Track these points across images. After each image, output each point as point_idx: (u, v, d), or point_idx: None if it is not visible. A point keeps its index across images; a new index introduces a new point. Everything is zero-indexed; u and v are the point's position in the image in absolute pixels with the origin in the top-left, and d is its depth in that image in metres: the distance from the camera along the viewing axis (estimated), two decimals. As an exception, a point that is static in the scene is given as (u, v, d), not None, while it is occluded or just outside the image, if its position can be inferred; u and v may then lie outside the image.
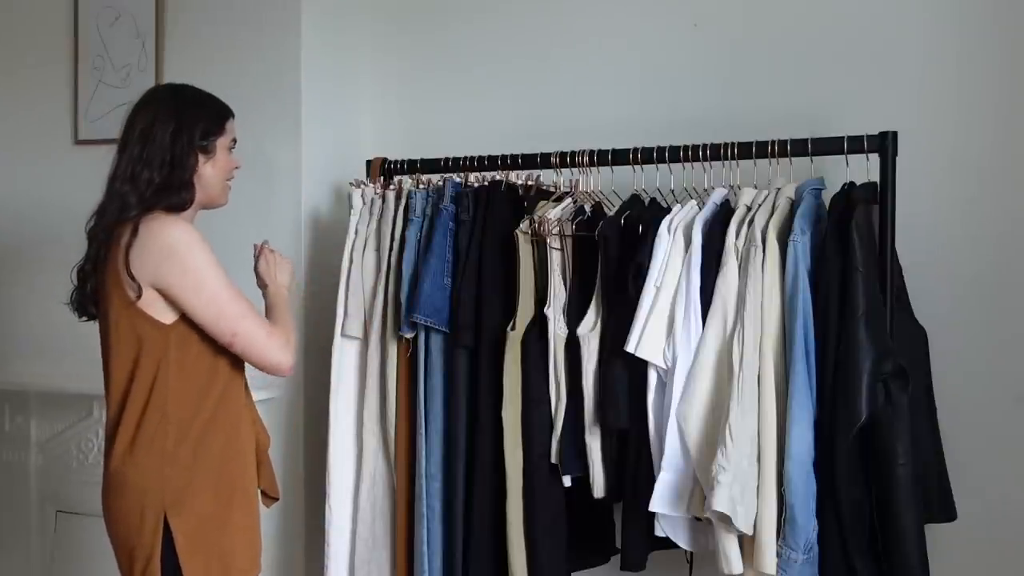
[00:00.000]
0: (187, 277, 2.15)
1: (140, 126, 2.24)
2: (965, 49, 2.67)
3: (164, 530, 2.15)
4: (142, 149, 2.21)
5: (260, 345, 2.22)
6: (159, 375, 2.17)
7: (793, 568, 2.31)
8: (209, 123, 2.27)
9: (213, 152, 2.27)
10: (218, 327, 2.18)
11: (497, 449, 2.61)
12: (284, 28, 3.10)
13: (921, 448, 2.39)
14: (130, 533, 2.18)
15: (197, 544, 2.17)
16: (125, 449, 2.18)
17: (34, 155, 3.49)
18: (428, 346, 2.72)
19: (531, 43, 3.13)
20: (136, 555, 2.17)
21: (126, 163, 2.22)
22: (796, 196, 2.45)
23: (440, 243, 2.69)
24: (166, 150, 2.21)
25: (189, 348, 2.19)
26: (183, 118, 2.24)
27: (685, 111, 2.87)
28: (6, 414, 3.40)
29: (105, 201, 2.24)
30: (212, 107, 2.31)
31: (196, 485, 2.18)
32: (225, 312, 2.18)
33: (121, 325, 2.19)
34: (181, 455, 2.17)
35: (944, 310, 2.59)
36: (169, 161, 2.21)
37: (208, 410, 2.21)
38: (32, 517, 3.38)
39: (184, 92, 2.31)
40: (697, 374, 2.40)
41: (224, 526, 2.22)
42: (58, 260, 3.45)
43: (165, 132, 2.21)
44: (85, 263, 2.28)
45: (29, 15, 3.51)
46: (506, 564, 2.60)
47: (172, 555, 2.15)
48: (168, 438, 2.17)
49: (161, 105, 2.26)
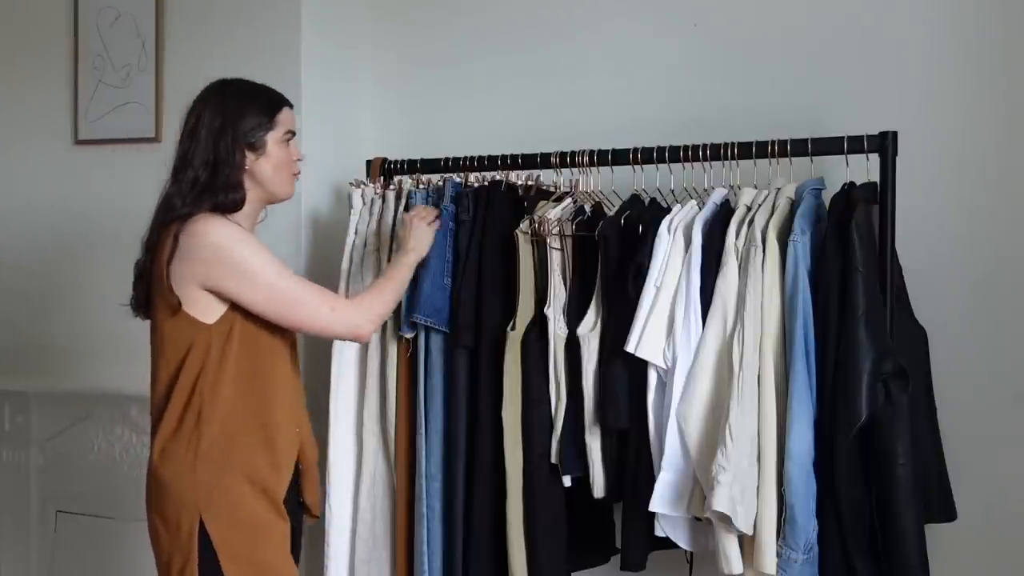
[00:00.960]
0: (243, 277, 2.15)
1: (189, 124, 2.21)
2: (965, 49, 2.66)
3: (201, 534, 2.13)
4: (188, 148, 2.18)
5: (323, 323, 2.25)
6: (201, 375, 2.16)
7: (793, 568, 2.31)
8: (257, 118, 2.22)
9: (263, 148, 2.23)
10: (284, 318, 2.20)
11: (497, 449, 2.61)
12: (284, 28, 3.10)
13: (921, 448, 2.39)
14: (168, 535, 2.17)
15: (236, 548, 2.15)
16: (161, 448, 2.18)
17: (34, 155, 3.49)
18: (428, 346, 2.72)
19: (531, 43, 3.13)
20: (174, 559, 2.16)
21: (175, 162, 2.20)
22: (796, 196, 2.45)
23: (440, 243, 2.69)
24: (209, 149, 2.17)
25: (231, 349, 2.18)
26: (228, 114, 2.19)
27: (685, 111, 2.87)
28: (6, 414, 3.41)
29: (158, 202, 2.23)
30: (261, 100, 2.26)
31: (232, 487, 2.16)
32: (285, 301, 2.19)
33: (165, 327, 2.19)
34: (215, 456, 2.16)
35: (944, 310, 2.59)
36: (212, 160, 2.17)
37: (249, 413, 2.20)
38: (32, 517, 3.38)
39: (232, 86, 2.27)
40: (697, 374, 2.40)
41: (261, 530, 2.20)
42: (58, 260, 3.48)
43: (209, 130, 2.18)
44: (137, 265, 2.27)
45: (29, 15, 3.51)
46: (506, 564, 2.60)
47: (209, 563, 2.13)
48: (202, 438, 2.15)
49: (208, 101, 2.22)
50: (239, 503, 2.17)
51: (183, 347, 2.16)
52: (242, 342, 2.19)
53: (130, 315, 2.34)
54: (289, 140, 2.29)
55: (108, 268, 3.30)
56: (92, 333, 3.34)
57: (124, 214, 3.30)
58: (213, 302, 2.17)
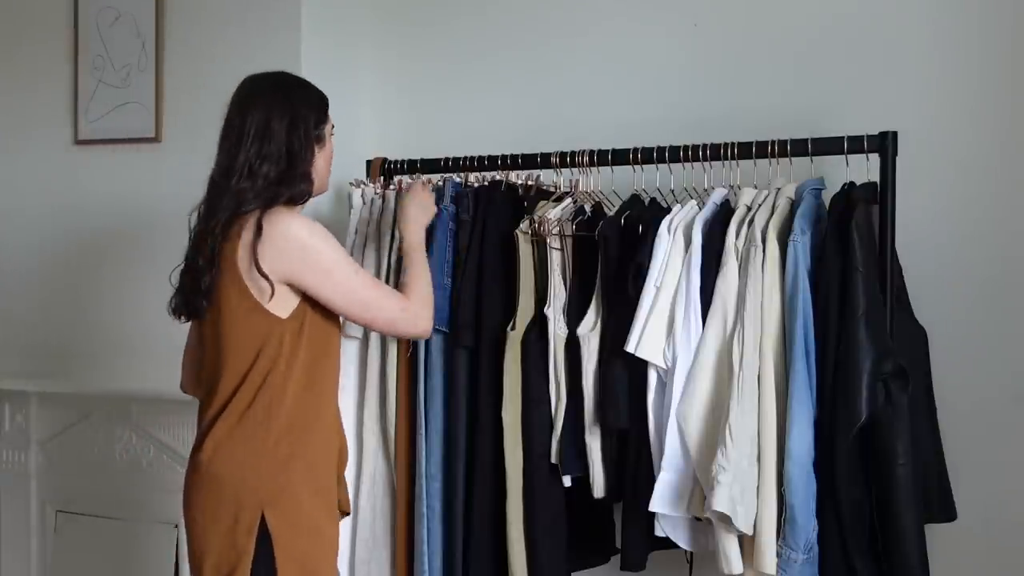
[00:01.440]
0: (325, 274, 2.17)
1: (254, 120, 2.18)
2: (965, 48, 2.67)
3: (261, 531, 2.10)
4: (260, 144, 2.16)
5: (394, 321, 2.28)
6: (272, 370, 2.15)
7: (793, 568, 2.31)
8: (319, 112, 2.27)
9: (324, 141, 2.28)
10: (357, 316, 2.25)
11: (497, 449, 2.61)
12: (284, 28, 3.10)
13: (921, 448, 2.39)
14: (219, 530, 2.13)
15: (295, 554, 2.12)
16: (219, 443, 2.15)
17: (34, 155, 3.49)
18: (428, 346, 2.72)
19: (531, 44, 3.13)
20: (223, 558, 2.11)
21: (243, 159, 2.16)
22: (796, 196, 2.45)
23: (440, 243, 2.69)
24: (282, 143, 2.18)
25: (300, 344, 2.18)
26: (297, 110, 2.21)
27: (685, 111, 2.87)
28: (6, 414, 3.41)
29: (213, 198, 2.18)
30: (315, 95, 2.29)
31: (294, 485, 2.15)
32: (361, 300, 2.22)
33: (239, 322, 2.15)
34: (280, 452, 2.15)
35: (944, 310, 2.59)
36: (287, 155, 2.18)
37: (310, 409, 2.20)
38: (32, 517, 3.38)
39: (289, 82, 2.29)
40: (697, 374, 2.40)
41: (316, 532, 2.20)
42: (58, 260, 3.48)
43: (281, 125, 2.18)
44: (195, 260, 2.19)
45: (29, 15, 3.51)
46: (506, 564, 2.60)
47: (263, 565, 2.09)
48: (270, 434, 2.14)
49: (272, 98, 2.22)
50: (299, 503, 2.16)
51: (259, 340, 2.15)
52: (310, 338, 2.19)
53: (130, 315, 2.33)
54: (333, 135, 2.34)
55: (108, 268, 3.32)
56: (92, 333, 3.34)
57: (124, 214, 3.32)
58: (288, 295, 2.16)
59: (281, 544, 2.11)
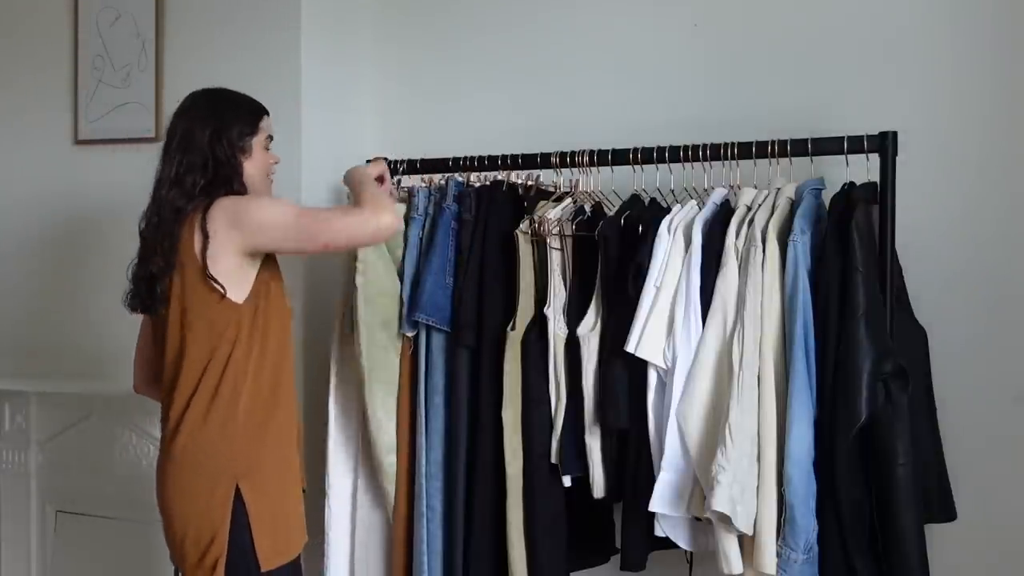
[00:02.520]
0: (259, 227, 2.26)
1: (180, 132, 2.34)
2: (965, 49, 2.67)
3: (236, 501, 2.22)
4: (183, 154, 2.32)
5: (346, 229, 2.31)
6: (233, 352, 2.26)
7: (793, 568, 2.31)
8: (246, 123, 2.38)
9: (250, 151, 2.38)
10: (311, 245, 2.32)
11: (497, 449, 2.61)
12: (284, 28, 3.10)
13: (921, 448, 2.39)
14: (196, 508, 2.25)
15: (266, 517, 2.25)
16: (195, 428, 2.26)
17: (34, 155, 3.49)
18: (429, 345, 2.72)
19: (531, 44, 3.13)
20: (202, 533, 2.24)
21: (171, 169, 2.32)
22: (796, 196, 2.45)
23: (442, 242, 2.69)
24: (206, 153, 2.31)
25: (256, 324, 2.29)
26: (222, 120, 2.34)
27: (685, 111, 2.87)
28: (6, 414, 3.40)
29: (155, 206, 2.33)
30: (246, 107, 2.41)
31: (264, 457, 2.29)
32: (304, 229, 2.28)
33: (202, 316, 2.27)
34: (250, 426, 2.27)
35: (944, 310, 2.59)
36: (212, 163, 2.32)
37: (273, 387, 2.32)
38: (32, 517, 3.38)
39: (219, 95, 2.41)
40: (697, 374, 2.40)
41: (285, 501, 2.33)
42: (58, 260, 3.48)
43: (204, 135, 2.32)
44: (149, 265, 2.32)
45: (29, 15, 3.50)
46: (506, 564, 2.60)
47: (240, 530, 2.22)
48: (239, 410, 2.26)
49: (198, 110, 2.37)
50: (269, 472, 2.30)
51: (220, 327, 2.26)
52: (266, 317, 2.31)
53: (130, 315, 2.35)
54: (268, 145, 2.45)
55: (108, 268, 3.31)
56: (92, 333, 3.33)
57: (124, 214, 3.31)
58: (243, 278, 2.28)
59: (255, 511, 2.24)
